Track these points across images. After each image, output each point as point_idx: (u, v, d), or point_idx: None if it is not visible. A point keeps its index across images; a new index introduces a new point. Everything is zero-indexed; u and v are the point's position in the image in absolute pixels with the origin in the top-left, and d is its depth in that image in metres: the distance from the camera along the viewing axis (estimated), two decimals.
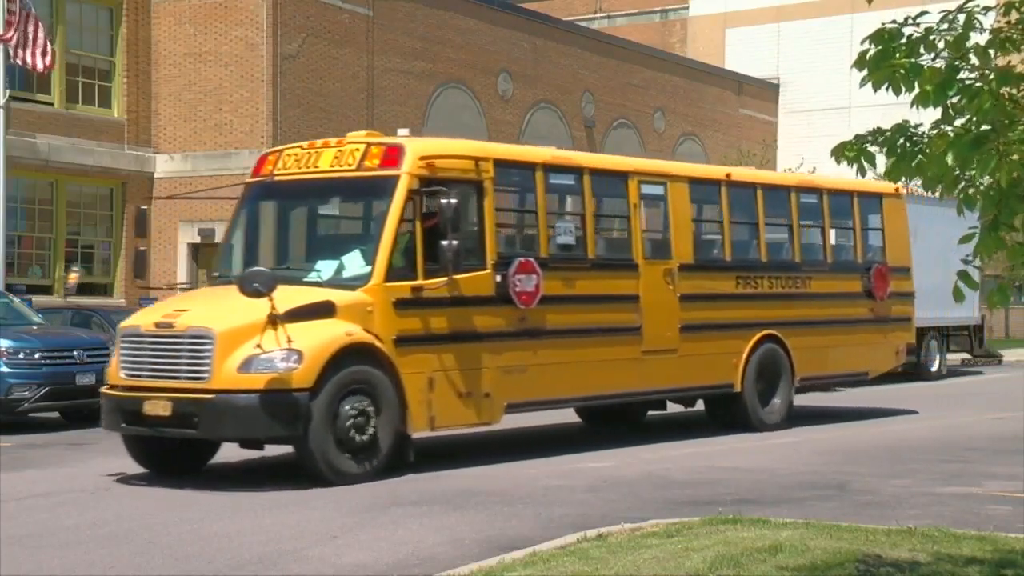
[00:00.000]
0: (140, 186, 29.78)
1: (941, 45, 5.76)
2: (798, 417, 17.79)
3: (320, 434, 12.12)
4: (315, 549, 9.14)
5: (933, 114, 5.86)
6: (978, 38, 5.81)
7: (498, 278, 13.65)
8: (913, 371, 27.84)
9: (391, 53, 33.17)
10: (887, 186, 19.41)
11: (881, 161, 6.13)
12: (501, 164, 14.30)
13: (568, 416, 18.15)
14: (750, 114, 49.64)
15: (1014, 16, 5.80)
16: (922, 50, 5.73)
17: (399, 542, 9.35)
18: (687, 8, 54.08)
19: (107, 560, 8.90)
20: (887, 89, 5.79)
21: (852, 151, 6.01)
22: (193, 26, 30.25)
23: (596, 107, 41.52)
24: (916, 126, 5.97)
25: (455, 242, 12.82)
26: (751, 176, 18.45)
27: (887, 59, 5.72)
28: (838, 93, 48.39)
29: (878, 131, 5.95)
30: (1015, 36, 5.79)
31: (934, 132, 5.87)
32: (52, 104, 28.26)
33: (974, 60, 5.73)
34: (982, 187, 5.76)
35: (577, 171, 15.41)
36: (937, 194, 6.17)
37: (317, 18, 30.93)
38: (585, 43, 41.47)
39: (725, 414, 17.11)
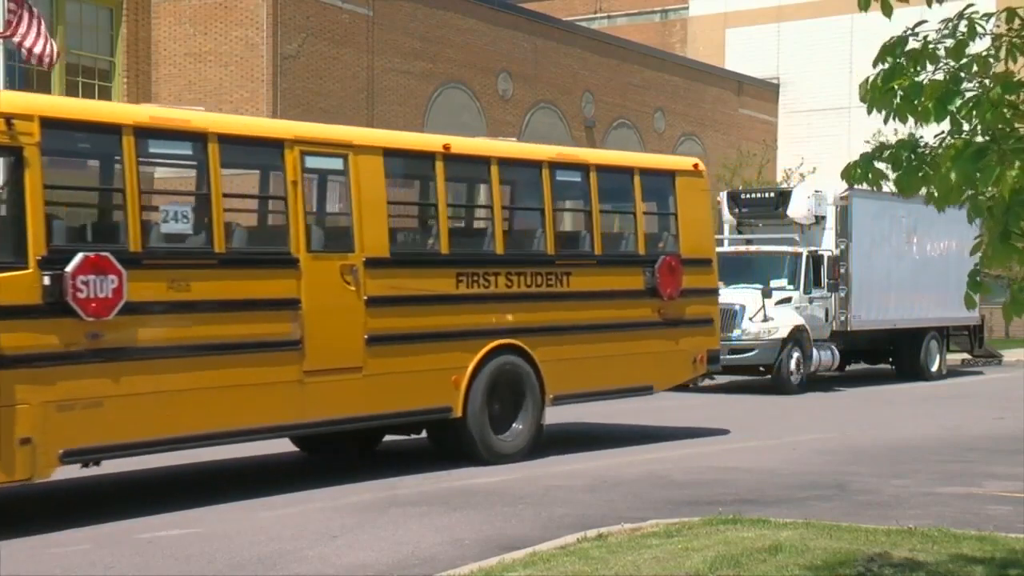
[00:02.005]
0: None
1: (942, 54, 5.76)
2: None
3: None
4: (315, 549, 9.14)
5: (935, 126, 5.86)
6: (978, 46, 5.81)
7: (47, 280, 10.21)
8: (911, 371, 27.90)
9: (391, 53, 33.17)
10: (682, 162, 17.08)
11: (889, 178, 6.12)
12: (56, 125, 10.76)
13: (568, 416, 18.15)
14: (750, 114, 49.64)
15: (1017, 23, 5.79)
16: (927, 64, 5.73)
17: (399, 542, 9.36)
18: (687, 8, 54.07)
19: (107, 560, 8.90)
20: (894, 118, 5.78)
21: (860, 169, 6.00)
22: (193, 26, 30.25)
23: (596, 107, 41.52)
24: (920, 138, 5.96)
25: None
26: (483, 147, 14.89)
27: (892, 79, 5.71)
28: (838, 93, 48.39)
29: (883, 147, 5.94)
30: (1018, 43, 5.78)
31: (940, 145, 5.86)
32: None
33: (974, 68, 5.73)
34: (986, 199, 5.74)
35: (197, 138, 11.64)
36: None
37: (317, 18, 30.93)
38: (585, 43, 41.48)
39: (448, 443, 13.86)
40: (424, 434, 14.25)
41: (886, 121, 5.85)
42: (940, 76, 5.71)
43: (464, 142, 14.92)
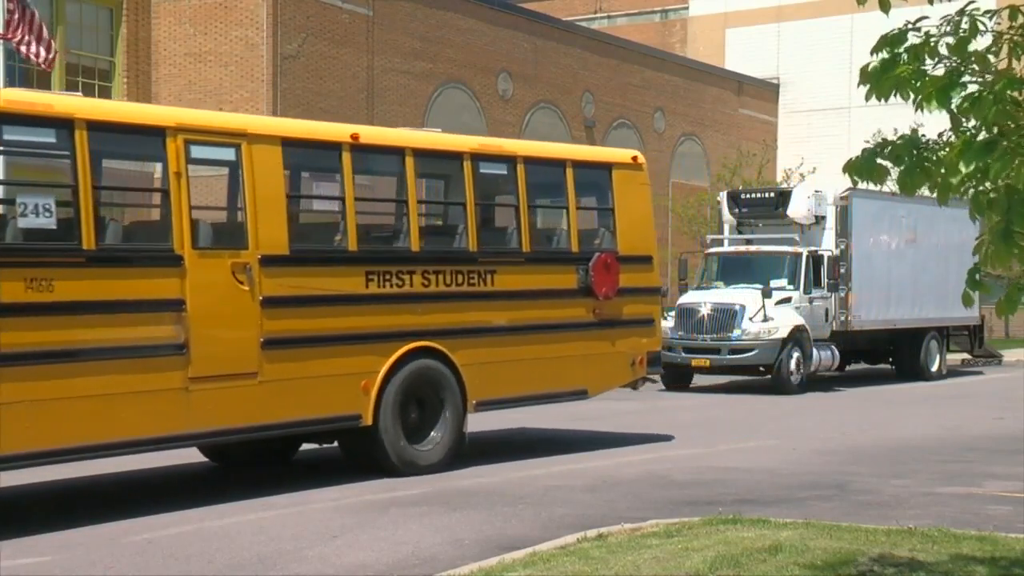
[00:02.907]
0: None
1: (943, 51, 5.75)
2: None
3: None
4: (315, 549, 9.14)
5: (936, 119, 5.85)
6: (980, 42, 5.80)
7: None
8: (911, 372, 27.90)
9: (391, 53, 33.18)
10: (620, 154, 16.25)
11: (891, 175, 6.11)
12: None
13: (567, 417, 18.16)
14: (750, 114, 49.64)
15: (1021, 20, 5.78)
16: (926, 59, 5.72)
17: (399, 542, 9.36)
18: (687, 8, 54.08)
19: (107, 560, 8.90)
20: (895, 95, 5.75)
21: (862, 165, 5.98)
22: (193, 26, 30.25)
23: (596, 107, 41.53)
24: (922, 135, 5.95)
25: None
26: (396, 138, 13.91)
27: (890, 71, 5.70)
28: (838, 93, 48.40)
29: (885, 143, 5.92)
30: (1020, 40, 5.78)
31: (943, 140, 5.85)
32: None
33: (974, 65, 5.72)
34: (991, 193, 5.72)
35: (62, 124, 10.58)
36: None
37: (317, 18, 30.94)
38: (585, 43, 41.49)
39: (359, 453, 13.01)
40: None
41: (881, 98, 5.81)
42: (941, 71, 5.71)
43: (376, 132, 14.35)
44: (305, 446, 14.73)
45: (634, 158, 15.76)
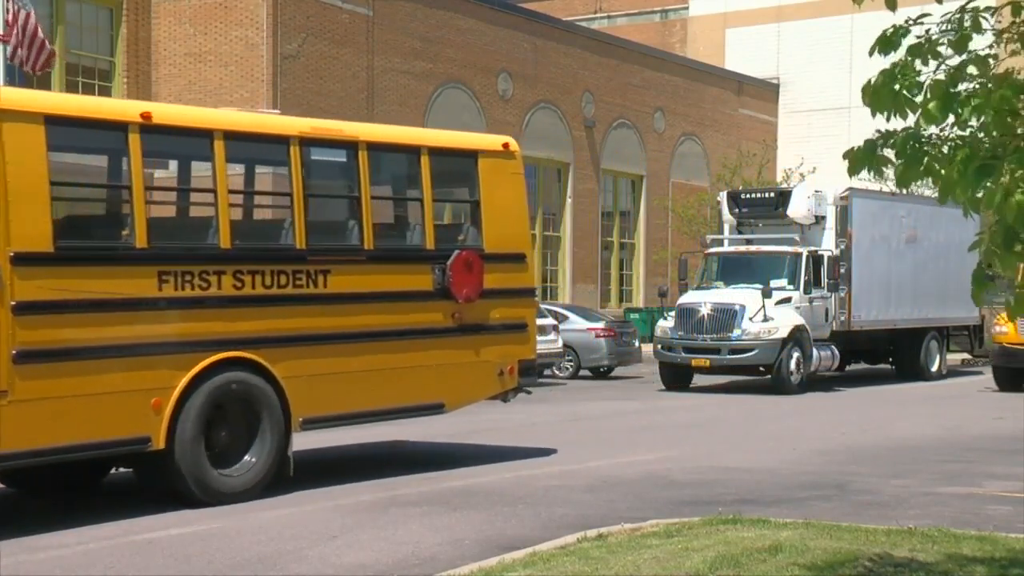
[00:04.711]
0: None
1: (943, 51, 5.74)
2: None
3: None
4: (315, 549, 9.14)
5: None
6: (979, 42, 5.80)
7: None
8: (911, 372, 27.90)
9: (391, 53, 33.19)
10: (488, 140, 14.62)
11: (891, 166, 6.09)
12: None
13: (567, 416, 18.15)
14: (750, 114, 49.66)
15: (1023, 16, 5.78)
16: (927, 61, 5.71)
17: (399, 542, 9.36)
18: (687, 8, 54.11)
19: (107, 559, 8.90)
20: (895, 115, 5.75)
21: (862, 156, 5.97)
22: (193, 26, 30.26)
23: (596, 107, 41.54)
24: (924, 130, 5.94)
25: None
26: (202, 118, 12.16)
27: (891, 86, 5.69)
28: (838, 93, 48.43)
29: (887, 134, 5.91)
30: (1021, 37, 5.77)
31: (943, 137, 5.84)
32: None
33: (973, 70, 5.72)
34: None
35: None
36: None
37: (317, 18, 30.95)
38: (585, 43, 41.51)
39: (153, 481, 11.29)
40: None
41: (888, 119, 5.83)
42: (942, 76, 5.69)
43: (176, 111, 12.65)
44: (298, 450, 14.76)
45: (505, 145, 14.06)
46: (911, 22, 5.82)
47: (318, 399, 11.99)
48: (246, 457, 11.45)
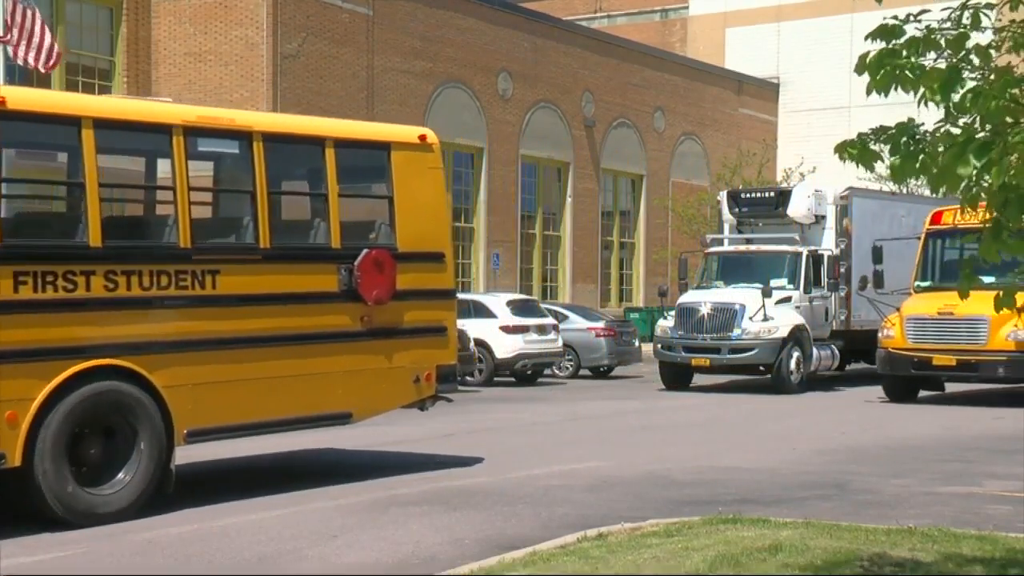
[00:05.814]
0: None
1: (943, 44, 5.75)
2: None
3: None
4: (315, 549, 9.14)
5: (936, 114, 5.85)
6: (980, 37, 5.80)
7: None
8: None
9: (391, 53, 33.19)
10: (402, 132, 13.64)
11: (884, 161, 6.09)
12: None
13: (565, 416, 18.15)
14: (750, 114, 49.67)
15: (1022, 12, 5.78)
16: (925, 51, 5.71)
17: (399, 542, 9.35)
18: (687, 8, 54.12)
19: (107, 560, 8.90)
20: (895, 89, 5.74)
21: (855, 149, 5.96)
22: (193, 26, 30.27)
23: (596, 107, 41.55)
24: (919, 125, 5.95)
25: None
26: (70, 104, 11.16)
27: (890, 61, 5.69)
28: (838, 93, 48.43)
29: (882, 129, 5.90)
30: (1020, 33, 5.77)
31: (937, 133, 5.84)
32: None
33: (975, 60, 5.72)
34: (986, 188, 5.71)
35: None
36: (941, 193, 6.14)
37: (317, 18, 30.95)
38: (585, 43, 41.52)
39: (13, 500, 10.32)
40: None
41: (881, 93, 5.80)
42: (941, 65, 5.70)
43: (37, 96, 11.51)
44: (298, 444, 14.75)
45: (422, 137, 13.21)
46: (912, 18, 5.82)
47: (206, 409, 11.08)
48: (120, 474, 10.48)
